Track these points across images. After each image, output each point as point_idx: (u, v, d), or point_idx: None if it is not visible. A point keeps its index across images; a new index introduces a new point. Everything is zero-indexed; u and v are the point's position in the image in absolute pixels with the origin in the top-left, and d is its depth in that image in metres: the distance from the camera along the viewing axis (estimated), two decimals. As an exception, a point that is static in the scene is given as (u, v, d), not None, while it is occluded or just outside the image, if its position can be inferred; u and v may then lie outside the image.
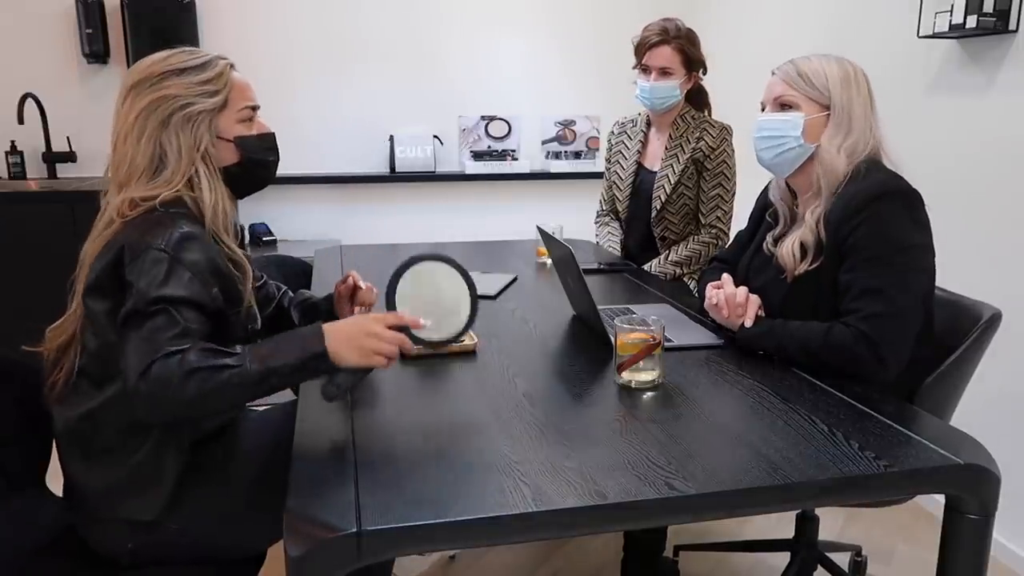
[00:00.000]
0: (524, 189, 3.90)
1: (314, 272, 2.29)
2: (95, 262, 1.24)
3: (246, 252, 1.40)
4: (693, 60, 2.29)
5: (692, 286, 2.33)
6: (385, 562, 1.42)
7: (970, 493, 1.10)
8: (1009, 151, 2.19)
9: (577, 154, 3.87)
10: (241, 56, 3.97)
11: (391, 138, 3.68)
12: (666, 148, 2.36)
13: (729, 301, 1.57)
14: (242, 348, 1.13)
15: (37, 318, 1.34)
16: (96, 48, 3.28)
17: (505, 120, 3.78)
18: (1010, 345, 2.11)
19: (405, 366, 1.45)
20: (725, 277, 1.64)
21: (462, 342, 1.21)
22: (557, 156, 3.85)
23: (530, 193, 3.91)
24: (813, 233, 1.50)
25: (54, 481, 1.38)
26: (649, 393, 1.33)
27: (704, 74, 2.35)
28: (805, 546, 1.98)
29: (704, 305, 1.68)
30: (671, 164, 2.34)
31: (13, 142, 3.35)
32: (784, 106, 1.54)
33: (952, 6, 2.21)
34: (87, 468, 1.28)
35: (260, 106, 1.41)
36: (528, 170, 3.80)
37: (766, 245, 1.65)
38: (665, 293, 2.05)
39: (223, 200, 1.33)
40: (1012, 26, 2.13)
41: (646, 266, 2.40)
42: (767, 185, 1.74)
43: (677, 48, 2.25)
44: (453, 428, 1.17)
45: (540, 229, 1.88)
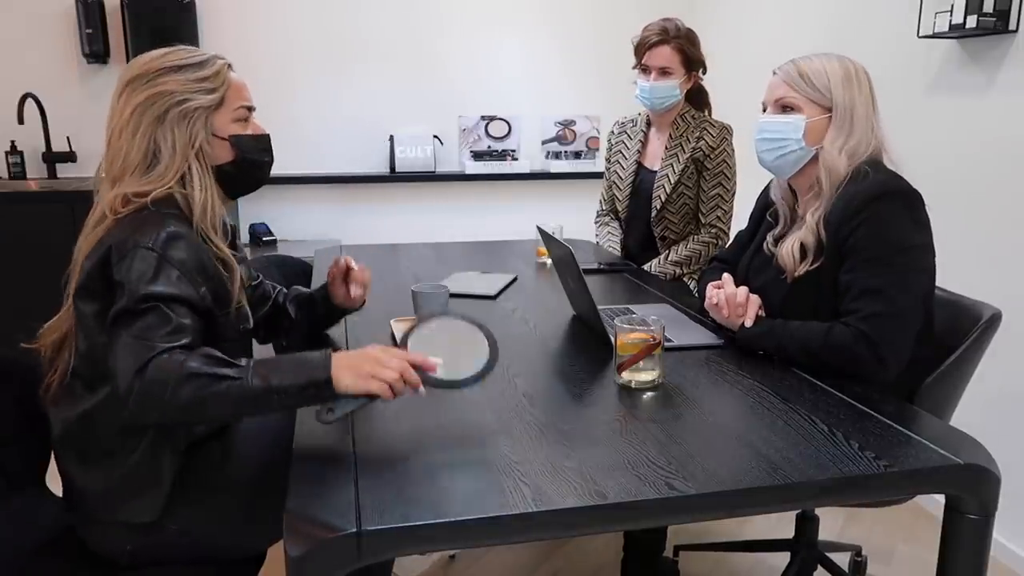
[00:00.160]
0: (524, 189, 3.90)
1: (314, 272, 2.29)
2: (85, 261, 1.24)
3: (237, 253, 1.38)
4: (693, 60, 2.29)
5: (692, 286, 2.33)
6: (385, 562, 1.42)
7: (970, 493, 1.10)
8: (1009, 151, 2.19)
9: (577, 154, 3.87)
10: (241, 56, 3.95)
11: (391, 138, 3.68)
12: (666, 148, 2.36)
13: (729, 301, 1.57)
14: (246, 361, 1.10)
15: (37, 318, 1.33)
16: (96, 48, 3.28)
17: (505, 120, 3.77)
18: (1010, 345, 2.11)
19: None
20: (726, 277, 1.64)
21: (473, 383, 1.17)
22: (557, 156, 3.85)
23: (530, 193, 3.91)
24: (813, 234, 1.50)
25: (54, 481, 1.37)
26: (649, 393, 1.33)
27: (704, 74, 2.35)
28: (805, 546, 1.98)
29: (704, 305, 1.68)
30: (671, 164, 2.34)
31: (13, 142, 3.36)
32: (785, 108, 1.53)
33: (952, 6, 2.21)
34: (84, 471, 1.28)
35: (256, 108, 1.41)
36: (528, 170, 3.80)
37: (766, 245, 1.65)
38: (665, 293, 2.05)
39: (213, 199, 1.32)
40: (1012, 26, 2.13)
41: (646, 266, 2.40)
42: (767, 185, 1.74)
43: (677, 48, 2.25)
44: (453, 428, 1.17)
45: (540, 229, 1.88)
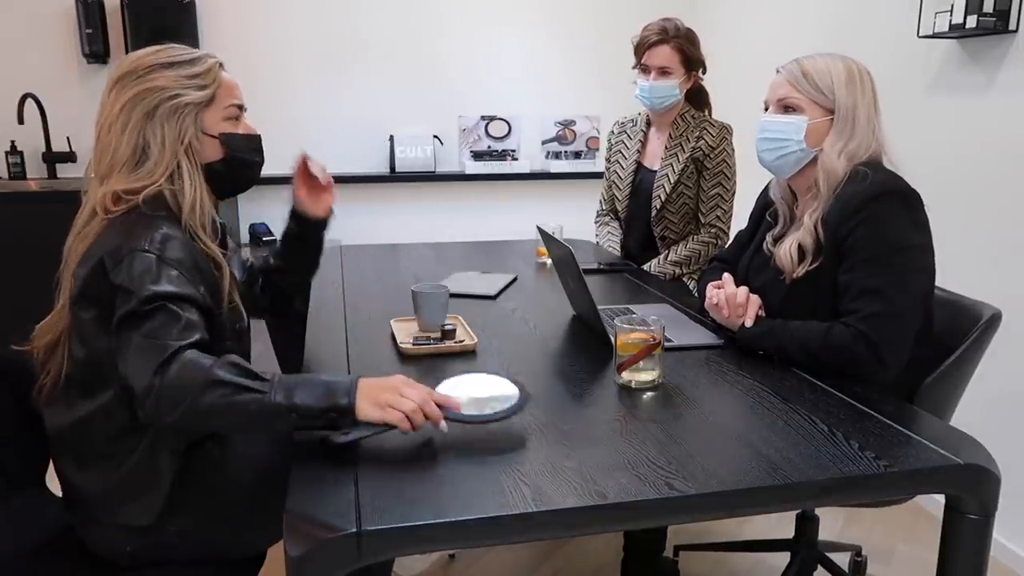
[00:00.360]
0: (524, 189, 3.89)
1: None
2: (78, 269, 1.22)
3: (227, 251, 1.37)
4: (692, 60, 2.29)
5: (692, 286, 2.33)
6: (385, 562, 1.42)
7: (970, 493, 1.10)
8: (1009, 151, 2.19)
9: (577, 154, 3.87)
10: (241, 56, 3.92)
11: (391, 138, 3.68)
12: (666, 147, 2.36)
13: (729, 301, 1.57)
14: (272, 375, 1.09)
15: (37, 318, 1.33)
16: (96, 48, 3.28)
17: (505, 120, 3.77)
18: (1010, 345, 2.11)
19: (405, 366, 1.46)
20: (726, 277, 1.64)
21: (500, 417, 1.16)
22: (557, 156, 3.85)
23: (530, 193, 3.91)
24: (811, 235, 1.50)
25: (54, 481, 1.37)
26: (649, 393, 1.33)
27: (704, 74, 2.35)
28: (805, 546, 1.98)
29: (704, 305, 1.68)
30: (671, 163, 2.34)
31: (13, 142, 3.36)
32: (788, 108, 1.53)
33: (952, 6, 2.21)
34: (82, 474, 1.28)
35: (247, 108, 1.41)
36: (528, 170, 3.80)
37: (766, 245, 1.65)
38: (665, 293, 2.05)
39: (203, 196, 1.31)
40: (1012, 26, 2.13)
41: (645, 266, 2.40)
42: (767, 185, 1.74)
43: (676, 47, 2.25)
44: (453, 428, 1.17)
45: (540, 229, 1.88)
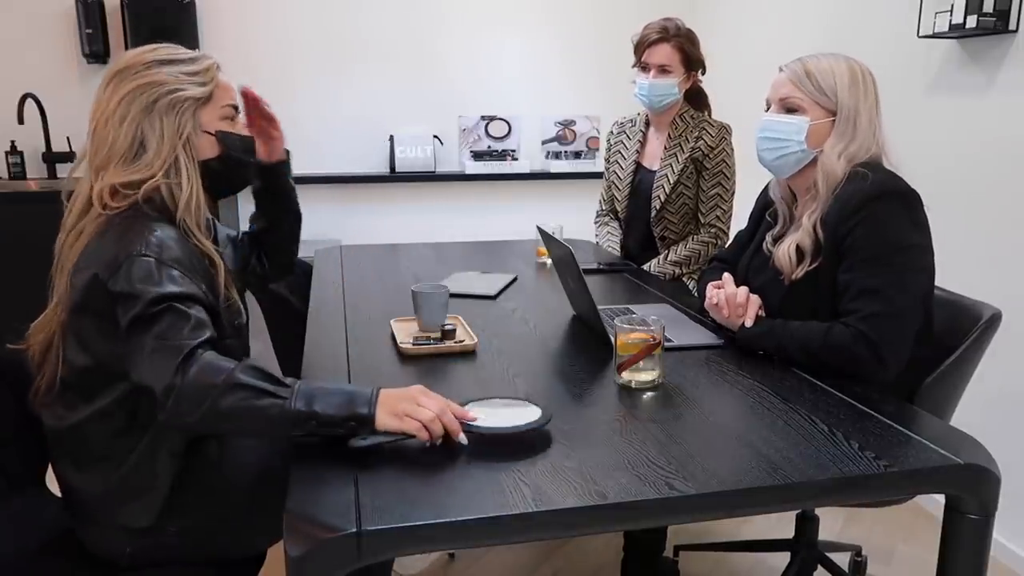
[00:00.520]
0: (524, 189, 3.89)
1: (314, 272, 2.29)
2: (74, 276, 1.21)
3: (219, 248, 1.37)
4: (692, 59, 2.29)
5: (692, 286, 2.33)
6: (385, 562, 1.42)
7: (970, 493, 1.10)
8: (1009, 151, 2.19)
9: (577, 154, 3.87)
10: (241, 56, 3.91)
11: (391, 138, 3.68)
12: (665, 147, 2.36)
13: (729, 301, 1.57)
14: (292, 381, 1.10)
15: (37, 318, 1.33)
16: (96, 48, 3.28)
17: (505, 120, 3.77)
18: (1010, 345, 2.11)
19: (405, 366, 1.46)
20: (726, 277, 1.64)
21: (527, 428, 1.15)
22: (557, 156, 3.85)
23: (530, 193, 3.91)
24: (810, 236, 1.50)
25: (54, 482, 1.37)
26: (649, 393, 1.33)
27: (703, 74, 2.35)
28: (805, 546, 1.98)
29: (704, 305, 1.68)
30: (670, 164, 2.34)
31: (13, 142, 3.35)
32: (790, 108, 1.53)
33: (952, 6, 2.21)
34: (81, 475, 1.27)
35: (240, 110, 1.42)
36: (528, 170, 3.79)
37: (765, 245, 1.65)
38: (665, 293, 2.05)
39: (199, 192, 1.31)
40: (1012, 26, 2.13)
41: (645, 266, 2.40)
42: (767, 185, 1.74)
43: (677, 46, 2.26)
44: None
45: (540, 229, 1.88)
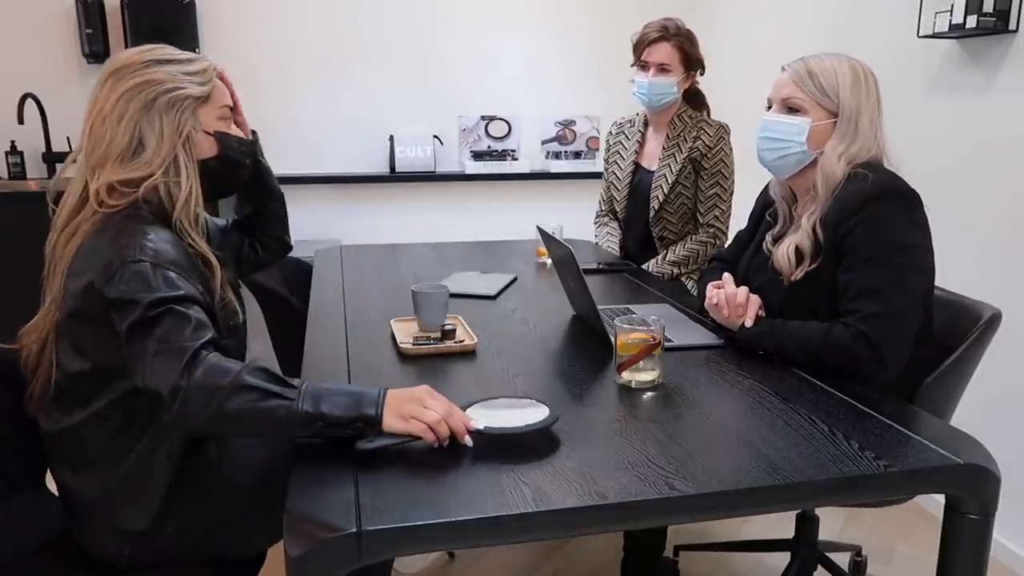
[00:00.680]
0: (524, 189, 3.89)
1: (314, 272, 2.29)
2: (68, 282, 1.21)
3: (216, 251, 1.36)
4: (691, 59, 2.29)
5: (690, 286, 2.33)
6: (385, 562, 1.42)
7: (970, 493, 1.10)
8: (1009, 151, 2.19)
9: (577, 154, 3.87)
10: (241, 56, 3.91)
11: (391, 138, 3.68)
12: (663, 147, 2.36)
13: (729, 301, 1.57)
14: (299, 382, 1.09)
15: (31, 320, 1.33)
16: (96, 48, 3.27)
17: (505, 120, 3.77)
18: (1010, 345, 2.11)
19: (405, 366, 1.46)
20: (726, 277, 1.64)
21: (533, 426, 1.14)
22: (557, 156, 3.85)
23: (530, 193, 3.91)
24: (809, 237, 1.49)
25: (53, 482, 1.37)
26: (649, 393, 1.33)
27: (702, 75, 2.35)
28: (805, 546, 1.98)
29: (704, 305, 1.68)
30: (668, 164, 2.34)
31: (13, 142, 3.35)
32: (791, 109, 1.53)
33: (952, 6, 2.21)
34: (78, 478, 1.27)
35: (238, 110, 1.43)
36: (528, 170, 3.79)
37: (765, 245, 1.65)
38: (665, 293, 2.05)
39: (197, 191, 1.30)
40: (1012, 26, 2.13)
41: (643, 266, 2.40)
42: (767, 184, 1.74)
43: (676, 45, 2.26)
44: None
45: (540, 229, 1.88)
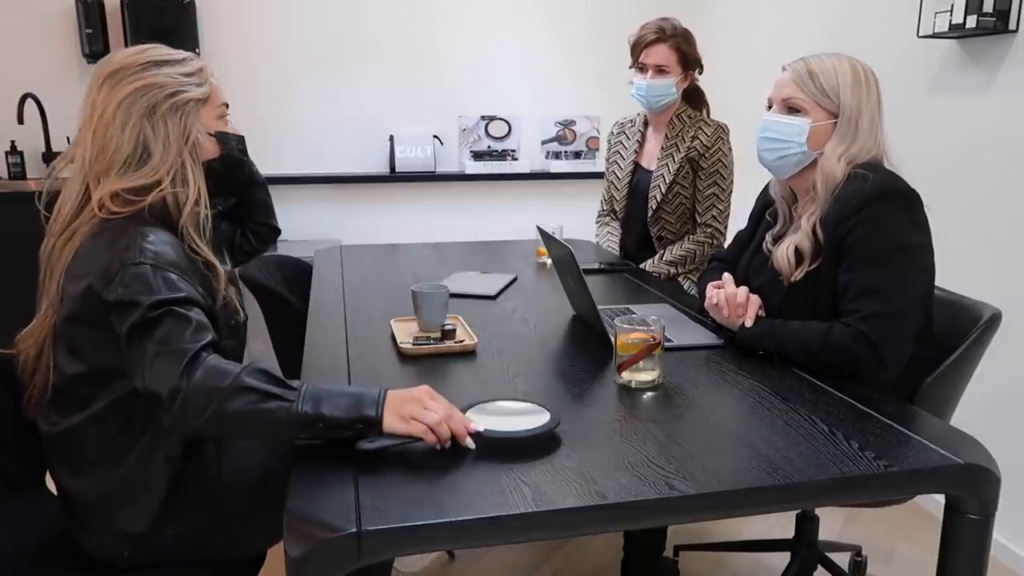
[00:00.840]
0: (524, 189, 3.89)
1: (314, 272, 2.29)
2: (67, 285, 1.20)
3: (224, 259, 1.35)
4: (689, 59, 2.29)
5: (687, 286, 2.32)
6: (385, 562, 1.42)
7: (970, 493, 1.10)
8: (1009, 151, 2.19)
9: (577, 154, 3.87)
10: (241, 56, 3.90)
11: (391, 138, 3.68)
12: (662, 147, 2.36)
13: (729, 301, 1.57)
14: (298, 384, 1.09)
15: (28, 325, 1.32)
16: (96, 48, 3.27)
17: (505, 120, 3.77)
18: (1010, 345, 2.11)
19: (405, 366, 1.46)
20: (726, 277, 1.64)
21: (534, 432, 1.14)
22: (557, 156, 3.85)
23: (530, 193, 3.91)
24: (808, 238, 1.49)
25: (52, 482, 1.37)
26: (649, 393, 1.33)
27: (700, 73, 2.35)
28: (805, 546, 1.98)
29: (704, 305, 1.68)
30: (666, 163, 2.34)
31: (13, 142, 3.35)
32: (792, 109, 1.52)
33: (952, 6, 2.21)
34: (77, 480, 1.27)
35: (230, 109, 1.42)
36: (528, 170, 3.79)
37: (765, 244, 1.65)
38: (665, 293, 2.05)
39: (204, 196, 1.29)
40: (1012, 26, 2.13)
41: (641, 266, 2.40)
42: (767, 184, 1.74)
43: (674, 46, 2.25)
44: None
45: (540, 229, 1.88)
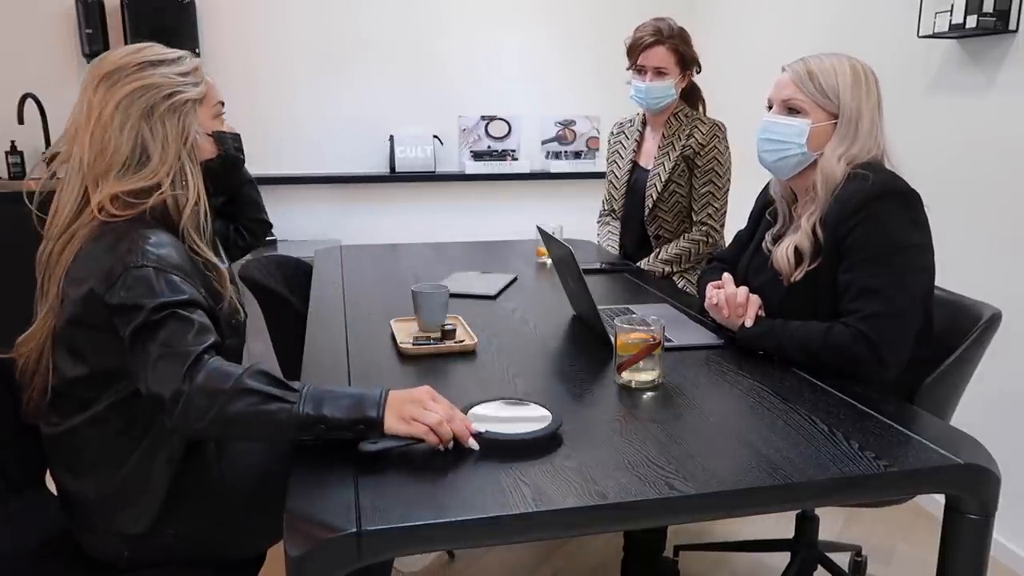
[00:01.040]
0: (524, 189, 3.89)
1: (314, 272, 2.29)
2: (68, 289, 1.20)
3: (223, 258, 1.35)
4: (687, 59, 2.29)
5: (682, 284, 2.32)
6: (385, 562, 1.42)
7: (970, 493, 1.10)
8: (1009, 151, 2.19)
9: (577, 154, 3.87)
10: (241, 56, 3.90)
11: (391, 138, 3.68)
12: (659, 146, 2.37)
13: (729, 301, 1.57)
14: (300, 385, 1.09)
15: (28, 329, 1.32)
16: (96, 48, 3.27)
17: (505, 120, 3.77)
18: (1010, 345, 2.11)
19: (405, 366, 1.46)
20: (726, 277, 1.64)
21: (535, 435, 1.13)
22: (557, 156, 3.85)
23: (530, 193, 3.91)
24: (808, 239, 1.49)
25: (53, 482, 1.37)
26: (649, 393, 1.33)
27: (698, 72, 2.35)
28: (805, 546, 1.98)
29: (704, 305, 1.68)
30: (662, 162, 2.34)
31: (13, 142, 3.35)
32: (791, 110, 1.52)
33: (952, 6, 2.21)
34: (76, 482, 1.27)
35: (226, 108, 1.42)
36: (528, 170, 3.79)
37: (765, 244, 1.65)
38: (665, 293, 2.05)
39: (204, 197, 1.29)
40: (1012, 26, 2.13)
41: (637, 264, 2.40)
42: (767, 184, 1.74)
43: (672, 48, 2.25)
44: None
45: (540, 229, 1.88)
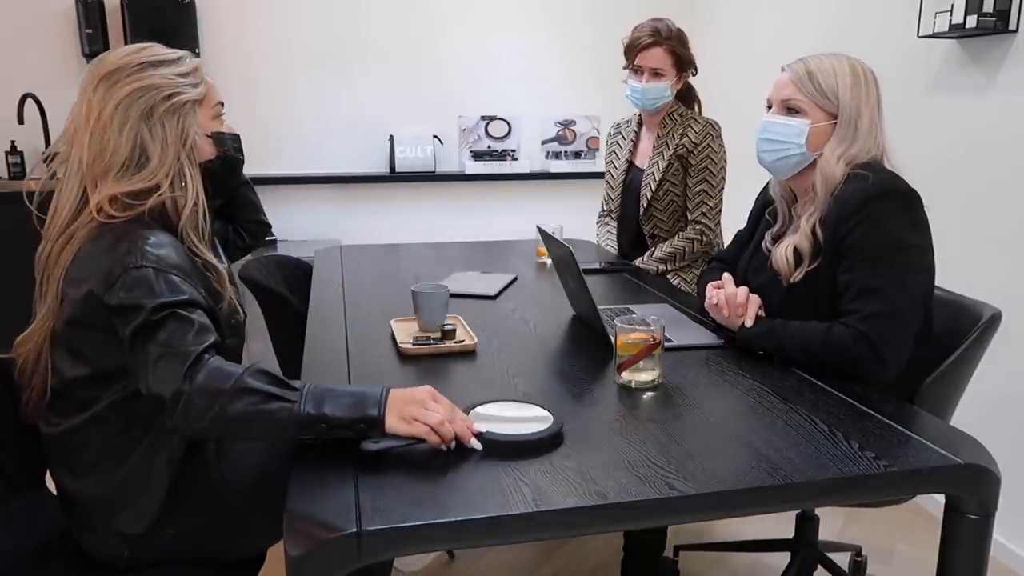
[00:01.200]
0: (524, 189, 3.89)
1: (314, 272, 2.29)
2: (67, 289, 1.20)
3: (221, 258, 1.34)
4: (684, 61, 2.29)
5: (676, 282, 2.32)
6: (385, 562, 1.42)
7: (970, 493, 1.10)
8: (1009, 151, 2.19)
9: (577, 154, 3.87)
10: (241, 56, 3.90)
11: (391, 138, 3.68)
12: (654, 146, 2.37)
13: (729, 301, 1.57)
14: (300, 384, 1.09)
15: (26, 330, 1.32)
16: (96, 48, 3.27)
17: (505, 120, 3.77)
18: (1010, 345, 2.11)
19: (405, 366, 1.46)
20: (726, 277, 1.64)
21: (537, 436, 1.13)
22: (557, 156, 3.85)
23: (530, 193, 3.91)
24: (808, 239, 1.49)
25: (53, 482, 1.37)
26: (649, 393, 1.33)
27: (695, 74, 2.35)
28: (805, 546, 1.98)
29: (704, 305, 1.68)
30: (657, 162, 2.35)
31: (13, 142, 3.35)
32: (791, 110, 1.53)
33: (952, 6, 2.21)
34: (76, 482, 1.27)
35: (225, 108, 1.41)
36: (528, 170, 3.80)
37: (764, 244, 1.65)
38: (665, 293, 2.05)
39: (203, 198, 1.29)
40: (1012, 26, 2.13)
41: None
42: (767, 184, 1.74)
43: (669, 49, 2.25)
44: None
45: (540, 229, 1.88)
